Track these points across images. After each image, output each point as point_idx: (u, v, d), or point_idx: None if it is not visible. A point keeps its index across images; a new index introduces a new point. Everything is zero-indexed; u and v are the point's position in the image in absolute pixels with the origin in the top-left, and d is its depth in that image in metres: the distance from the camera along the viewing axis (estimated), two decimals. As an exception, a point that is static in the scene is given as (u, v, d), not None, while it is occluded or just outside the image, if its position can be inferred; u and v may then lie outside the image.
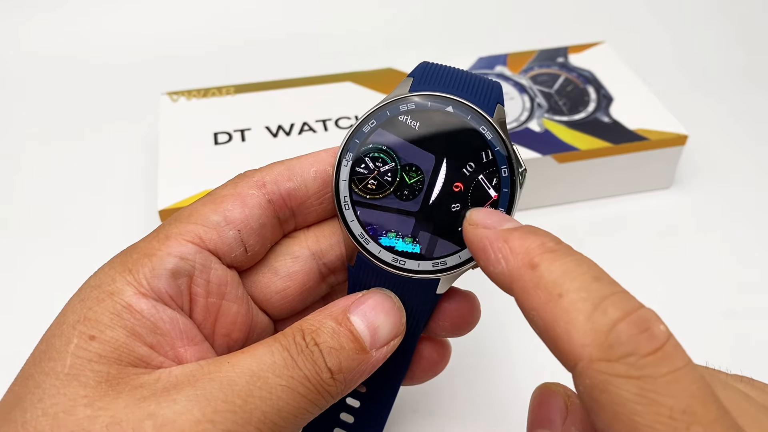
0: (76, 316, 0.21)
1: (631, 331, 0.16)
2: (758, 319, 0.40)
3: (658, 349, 0.16)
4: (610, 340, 0.16)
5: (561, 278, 0.18)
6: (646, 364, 0.16)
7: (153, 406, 0.19)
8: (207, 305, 0.24)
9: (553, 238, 0.20)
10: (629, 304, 0.17)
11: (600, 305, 0.17)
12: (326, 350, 0.22)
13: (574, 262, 0.19)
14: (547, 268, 0.18)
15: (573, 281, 0.18)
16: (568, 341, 0.17)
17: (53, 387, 0.20)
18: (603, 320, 0.17)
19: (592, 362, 0.16)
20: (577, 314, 0.17)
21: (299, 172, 0.25)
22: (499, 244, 0.20)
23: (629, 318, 0.17)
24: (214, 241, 0.24)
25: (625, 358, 0.16)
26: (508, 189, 0.25)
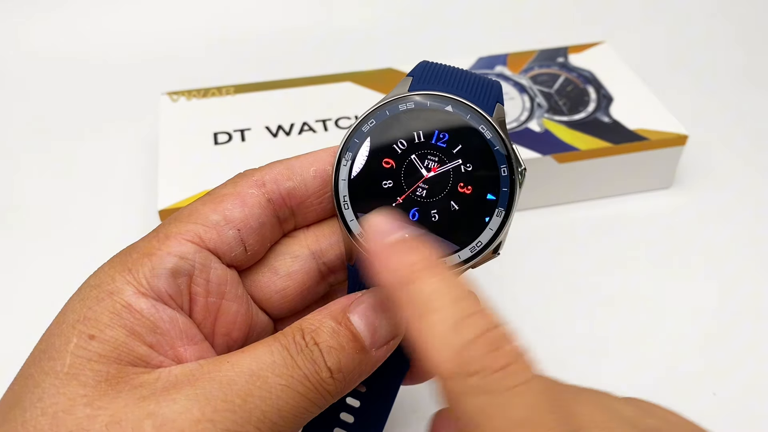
0: (75, 315, 0.21)
1: (483, 350, 0.18)
2: (759, 319, 0.40)
3: (506, 366, 0.18)
4: (463, 357, 0.18)
5: (430, 297, 0.19)
6: (493, 380, 0.18)
7: (152, 405, 0.19)
8: (207, 305, 0.24)
9: (428, 256, 0.21)
10: (485, 324, 0.19)
11: (459, 324, 0.19)
12: (326, 350, 0.22)
13: (444, 282, 0.20)
14: (418, 286, 0.20)
15: (440, 300, 0.19)
16: (429, 358, 0.19)
17: (53, 386, 0.20)
18: (458, 339, 0.18)
19: (448, 378, 0.18)
20: (437, 332, 0.19)
21: (299, 172, 0.25)
22: (383, 257, 0.21)
23: (482, 337, 0.18)
24: (213, 240, 0.24)
25: (476, 375, 0.18)
26: (508, 188, 0.25)
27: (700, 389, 0.36)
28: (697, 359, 0.38)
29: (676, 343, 0.39)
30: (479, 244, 0.25)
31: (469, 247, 0.25)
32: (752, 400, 0.36)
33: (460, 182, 0.25)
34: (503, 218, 0.25)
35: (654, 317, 0.41)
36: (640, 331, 0.40)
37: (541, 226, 0.46)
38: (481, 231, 0.25)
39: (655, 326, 0.40)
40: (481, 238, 0.25)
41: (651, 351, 0.39)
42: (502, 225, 0.25)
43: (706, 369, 0.38)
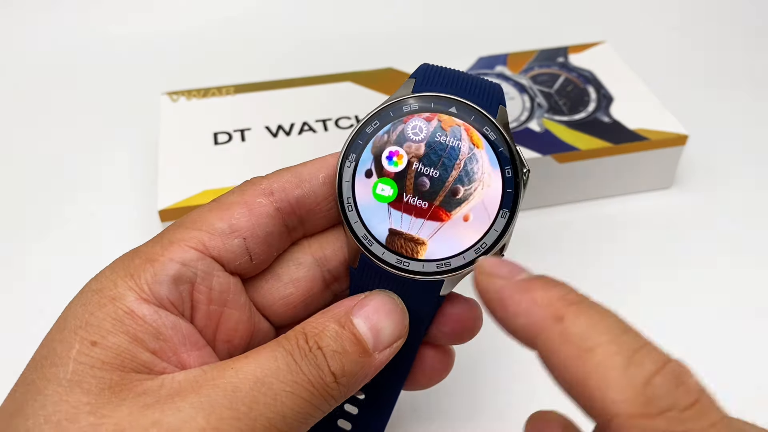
0: (77, 320, 0.21)
1: (669, 385, 0.16)
2: (759, 319, 0.40)
3: (696, 402, 0.16)
4: (648, 394, 0.16)
5: (589, 331, 0.18)
6: (686, 419, 0.16)
7: (157, 413, 0.19)
8: (209, 312, 0.24)
9: (573, 289, 0.19)
10: (661, 357, 0.17)
11: (633, 358, 0.17)
12: (329, 354, 0.22)
13: (599, 314, 0.18)
14: (573, 321, 0.18)
15: (602, 334, 0.17)
16: (602, 397, 0.17)
17: (56, 394, 0.19)
18: (639, 374, 0.16)
19: (631, 418, 0.16)
20: (611, 368, 0.17)
21: (307, 179, 0.25)
22: (518, 296, 0.19)
23: (664, 371, 0.17)
24: (218, 248, 0.23)
25: (665, 413, 0.16)
26: (512, 190, 0.25)
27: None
28: (697, 359, 0.38)
29: (676, 342, 0.39)
30: (484, 245, 0.24)
31: (474, 248, 0.24)
32: (752, 400, 0.36)
33: (464, 184, 0.25)
34: (508, 219, 0.25)
35: (654, 317, 0.40)
36: (639, 330, 0.40)
37: (541, 226, 0.46)
38: (485, 232, 0.25)
39: (654, 326, 0.40)
40: (486, 239, 0.24)
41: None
42: (506, 226, 0.24)
43: (706, 369, 0.38)
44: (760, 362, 0.38)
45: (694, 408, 0.16)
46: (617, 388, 0.16)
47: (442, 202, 0.25)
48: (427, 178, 0.25)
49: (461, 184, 0.25)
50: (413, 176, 0.25)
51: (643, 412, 0.16)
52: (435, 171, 0.25)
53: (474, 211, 0.25)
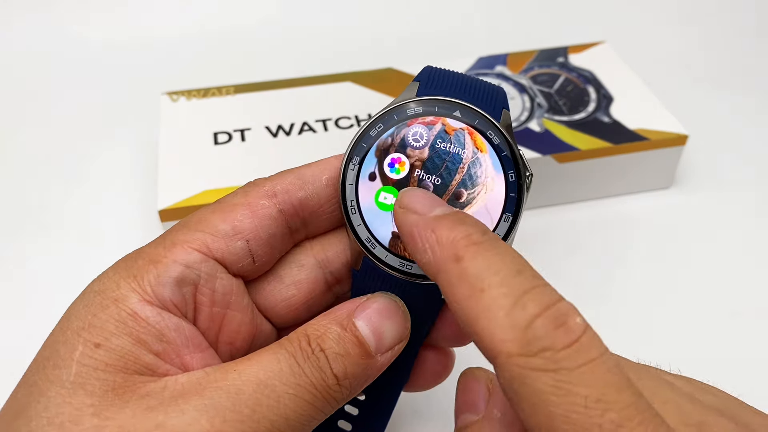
0: (80, 322, 0.21)
1: (548, 327, 0.17)
2: (759, 319, 0.40)
3: (574, 342, 0.17)
4: (528, 336, 0.17)
5: (484, 272, 0.18)
6: (562, 358, 0.16)
7: (161, 416, 0.19)
8: (211, 314, 0.23)
9: (480, 228, 0.20)
10: (548, 298, 0.18)
11: (519, 300, 0.17)
12: (332, 356, 0.22)
13: (498, 255, 0.19)
14: (470, 261, 0.18)
15: (495, 275, 0.18)
16: (489, 337, 0.17)
17: (59, 395, 0.19)
18: (521, 316, 0.17)
19: (511, 357, 0.17)
20: (497, 310, 0.17)
21: (310, 181, 0.25)
22: (426, 233, 0.20)
23: (546, 313, 0.17)
24: (221, 250, 0.23)
25: (541, 353, 0.17)
26: (515, 193, 0.25)
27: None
28: (697, 359, 0.38)
29: (676, 342, 0.39)
30: None
31: None
32: (753, 400, 0.36)
33: (467, 188, 0.25)
34: (511, 223, 0.25)
35: (654, 317, 0.41)
36: (639, 330, 0.40)
37: (541, 226, 0.46)
38: None
39: (654, 326, 0.40)
40: None
41: (651, 350, 0.39)
42: (509, 230, 0.25)
43: (706, 368, 0.38)
44: (761, 361, 0.38)
45: (571, 347, 0.17)
46: (500, 329, 0.17)
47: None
48: (430, 183, 0.25)
49: (464, 188, 0.25)
50: (416, 183, 0.25)
51: (522, 352, 0.17)
52: (438, 176, 0.25)
53: (477, 215, 0.24)
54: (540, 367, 0.16)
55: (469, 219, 0.20)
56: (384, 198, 0.25)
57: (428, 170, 0.25)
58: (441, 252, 0.19)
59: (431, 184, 0.25)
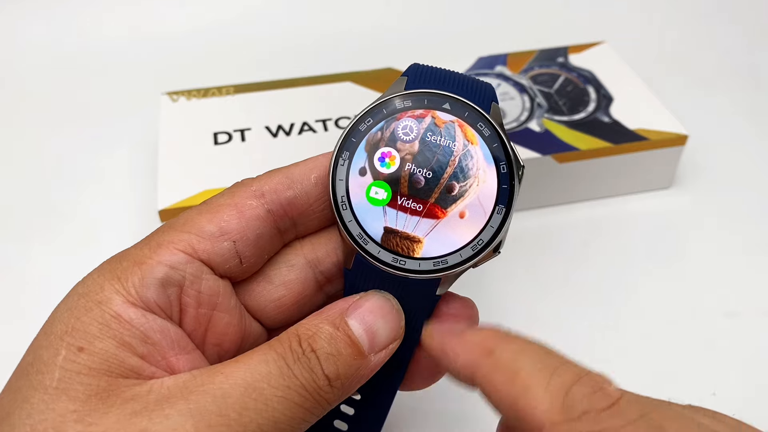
0: (63, 326, 0.21)
1: (586, 390, 0.18)
2: (759, 319, 0.40)
3: (614, 404, 0.18)
4: (568, 402, 0.18)
5: (516, 358, 0.20)
6: (604, 418, 0.17)
7: (145, 420, 0.19)
8: (197, 316, 0.23)
9: (501, 329, 0.21)
10: (580, 369, 0.19)
11: (555, 372, 0.19)
12: (323, 357, 0.21)
13: (525, 343, 0.20)
14: (501, 352, 0.20)
15: (527, 358, 0.19)
16: (530, 412, 0.18)
17: (42, 402, 0.19)
18: (559, 385, 0.18)
19: (555, 425, 0.18)
20: (536, 384, 0.18)
21: (299, 180, 0.25)
22: (456, 341, 0.22)
23: (583, 380, 0.18)
24: (207, 251, 0.23)
25: (584, 416, 0.17)
26: (508, 186, 0.24)
27: (700, 389, 0.36)
28: (697, 359, 0.38)
29: (676, 342, 0.39)
30: (480, 242, 0.24)
31: (470, 245, 0.24)
32: (753, 400, 0.36)
33: (459, 180, 0.25)
34: (504, 216, 0.24)
35: (653, 317, 0.40)
36: (639, 330, 0.40)
37: (541, 226, 0.46)
38: (482, 229, 0.24)
39: (654, 326, 0.40)
40: (482, 236, 0.24)
41: (651, 350, 0.39)
42: (502, 223, 0.24)
43: (706, 368, 0.38)
44: (761, 361, 0.38)
45: (612, 408, 0.17)
46: (541, 401, 0.18)
47: (438, 199, 0.25)
48: (422, 176, 0.25)
49: (456, 181, 0.25)
50: (407, 177, 0.25)
51: (565, 418, 0.18)
52: (429, 169, 0.25)
53: (470, 207, 0.24)
54: (584, 429, 0.17)
55: (491, 326, 0.22)
56: (375, 193, 0.25)
57: (419, 164, 0.25)
58: (473, 350, 0.21)
59: (423, 178, 0.25)
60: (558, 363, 0.19)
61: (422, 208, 0.25)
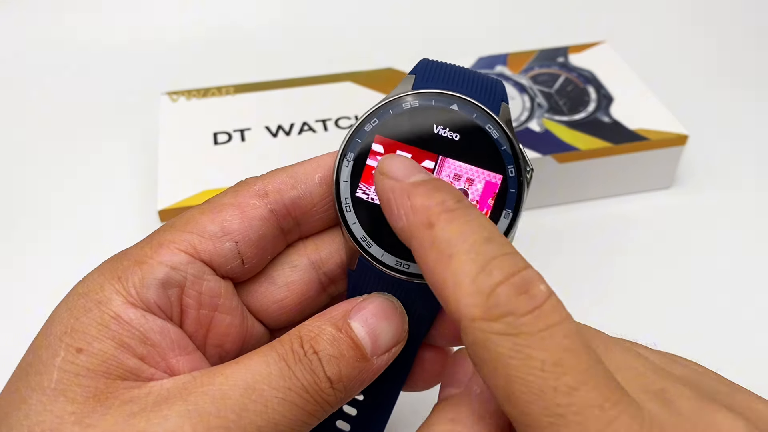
0: (62, 326, 0.20)
1: (511, 293, 0.17)
2: (759, 319, 0.40)
3: (535, 308, 0.17)
4: (491, 301, 0.17)
5: (453, 239, 0.18)
6: (522, 323, 0.17)
7: (143, 422, 0.19)
8: (198, 317, 0.23)
9: (455, 195, 0.20)
10: (514, 266, 0.18)
11: (486, 267, 0.18)
12: (325, 359, 0.21)
13: (469, 222, 0.19)
14: (442, 228, 0.19)
15: (464, 242, 0.18)
16: (454, 302, 0.18)
17: (39, 403, 0.19)
18: (486, 282, 0.17)
19: (474, 321, 0.17)
20: (464, 276, 0.18)
21: (303, 179, 0.24)
22: (402, 199, 0.20)
23: (511, 280, 0.17)
24: (209, 251, 0.23)
25: (503, 318, 0.17)
26: (516, 189, 0.24)
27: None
28: (697, 359, 0.38)
29: (677, 342, 0.39)
30: None
31: None
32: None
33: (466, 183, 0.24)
34: (511, 220, 0.24)
35: (653, 316, 0.40)
36: (639, 330, 0.40)
37: (541, 226, 0.46)
38: None
39: (654, 326, 0.40)
40: None
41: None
42: (510, 227, 0.24)
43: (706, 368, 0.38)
44: (761, 361, 0.38)
45: (532, 313, 0.17)
46: (466, 294, 0.18)
47: None
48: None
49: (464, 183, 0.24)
50: None
51: (484, 316, 0.17)
52: (436, 170, 0.24)
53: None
54: (501, 332, 0.17)
55: (444, 186, 0.20)
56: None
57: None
58: (414, 218, 0.19)
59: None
60: (494, 254, 0.18)
61: None
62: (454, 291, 0.18)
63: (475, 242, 0.18)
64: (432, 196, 0.20)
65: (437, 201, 0.19)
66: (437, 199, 0.19)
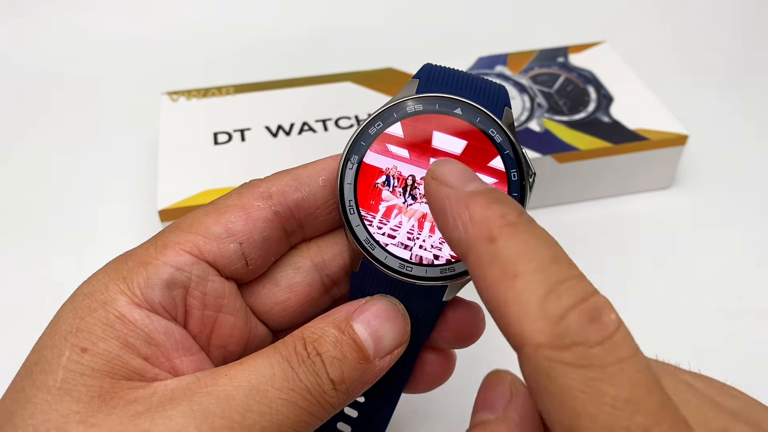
0: (67, 326, 0.21)
1: (582, 321, 0.16)
2: (759, 319, 0.40)
3: (607, 338, 0.16)
4: (560, 328, 0.16)
5: (518, 256, 0.17)
6: (594, 354, 0.16)
7: (147, 422, 0.19)
8: (203, 317, 0.23)
9: (516, 208, 0.19)
10: (583, 291, 0.17)
11: (554, 290, 0.17)
12: (328, 360, 0.21)
13: (534, 239, 0.18)
14: (504, 243, 0.17)
15: (530, 261, 0.17)
16: (518, 324, 0.17)
17: (45, 402, 0.19)
18: (555, 307, 0.16)
19: (540, 348, 0.16)
20: (530, 297, 0.17)
21: (307, 182, 0.24)
22: (459, 209, 0.19)
23: (581, 306, 0.16)
24: (213, 253, 0.23)
25: (573, 347, 0.16)
26: (518, 193, 0.24)
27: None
28: (698, 359, 0.38)
29: (676, 342, 0.39)
30: None
31: None
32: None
33: None
34: None
35: (653, 317, 0.41)
36: (639, 330, 0.40)
37: (541, 226, 0.46)
38: None
39: (654, 326, 0.40)
40: None
41: (650, 350, 0.39)
42: None
43: (706, 368, 0.38)
44: (761, 361, 0.38)
45: (603, 345, 0.16)
46: (531, 318, 0.16)
47: None
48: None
49: None
50: (413, 181, 0.24)
51: (552, 344, 0.16)
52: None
53: None
54: (570, 362, 0.16)
55: (505, 198, 0.19)
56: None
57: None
58: (474, 230, 0.18)
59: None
60: (563, 277, 0.17)
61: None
62: (518, 313, 0.17)
63: (542, 262, 0.17)
64: (492, 207, 0.18)
65: (498, 213, 0.18)
66: (498, 211, 0.18)
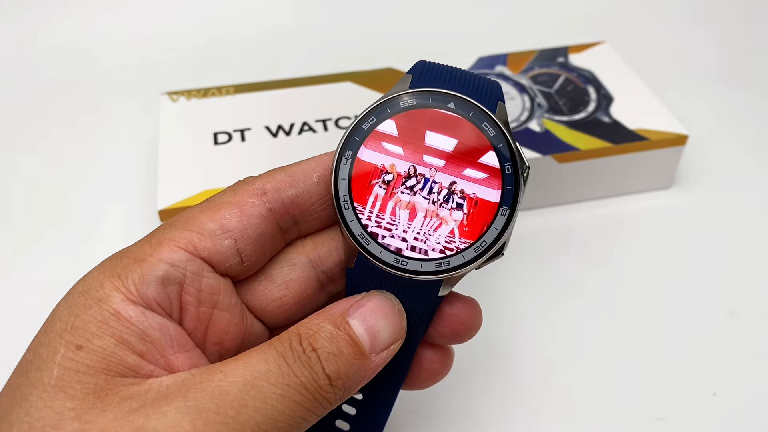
0: (62, 323, 0.21)
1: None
2: (759, 319, 0.40)
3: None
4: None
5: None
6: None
7: (142, 419, 0.19)
8: (198, 314, 0.23)
9: None
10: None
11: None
12: (324, 356, 0.21)
13: None
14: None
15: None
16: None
17: (40, 399, 0.19)
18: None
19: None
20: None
21: (301, 179, 0.25)
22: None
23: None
24: (208, 249, 0.23)
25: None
26: (512, 187, 0.24)
27: (700, 389, 0.36)
28: (698, 359, 0.38)
29: (676, 342, 0.39)
30: (483, 243, 0.24)
31: (473, 247, 0.24)
32: (753, 400, 0.36)
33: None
34: (507, 217, 0.24)
35: (653, 317, 0.40)
36: (639, 330, 0.40)
37: (541, 226, 0.46)
38: (485, 230, 0.24)
39: (654, 326, 0.40)
40: (486, 237, 0.24)
41: (650, 350, 0.39)
42: (506, 224, 0.24)
43: (706, 368, 0.38)
44: (760, 362, 0.38)
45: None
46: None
47: (441, 198, 0.24)
48: (426, 174, 0.24)
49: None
50: (411, 173, 0.25)
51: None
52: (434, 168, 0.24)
53: (473, 208, 0.24)
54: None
55: None
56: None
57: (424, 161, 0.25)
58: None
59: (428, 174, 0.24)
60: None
61: (425, 207, 0.24)
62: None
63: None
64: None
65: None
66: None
